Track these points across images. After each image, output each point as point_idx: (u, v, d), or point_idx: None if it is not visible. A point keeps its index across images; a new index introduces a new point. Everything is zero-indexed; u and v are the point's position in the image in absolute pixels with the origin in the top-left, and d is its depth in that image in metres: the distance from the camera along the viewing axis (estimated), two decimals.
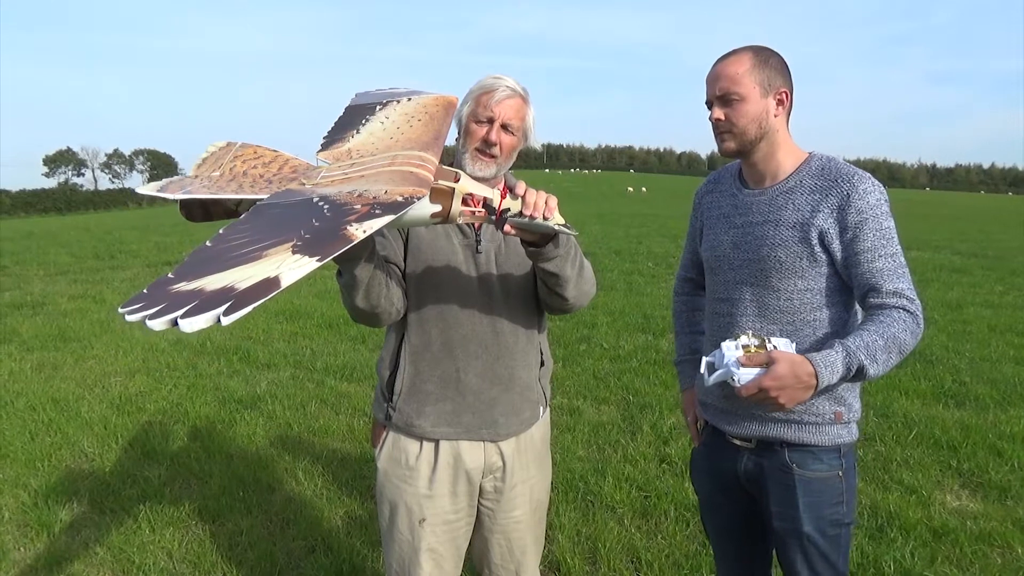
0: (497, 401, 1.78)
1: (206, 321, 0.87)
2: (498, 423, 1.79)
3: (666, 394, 4.89)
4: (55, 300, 9.03)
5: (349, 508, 3.34)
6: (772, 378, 1.44)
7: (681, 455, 3.82)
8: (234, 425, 4.43)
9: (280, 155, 1.53)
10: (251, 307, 0.90)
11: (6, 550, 3.01)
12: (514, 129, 1.74)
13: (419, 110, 1.64)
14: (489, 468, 1.81)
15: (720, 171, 1.90)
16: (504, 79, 1.74)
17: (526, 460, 1.86)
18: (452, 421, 1.76)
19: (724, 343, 1.53)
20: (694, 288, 2.05)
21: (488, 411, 1.77)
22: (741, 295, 1.71)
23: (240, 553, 2.96)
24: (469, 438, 1.78)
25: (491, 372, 1.77)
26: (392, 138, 1.54)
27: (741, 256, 1.71)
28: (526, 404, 1.83)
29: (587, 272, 1.72)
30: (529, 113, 1.78)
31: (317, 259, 1.01)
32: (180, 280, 0.96)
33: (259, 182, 1.39)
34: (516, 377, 1.80)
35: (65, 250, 14.81)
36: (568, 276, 1.65)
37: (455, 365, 1.75)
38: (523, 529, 1.89)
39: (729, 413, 1.74)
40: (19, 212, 58.16)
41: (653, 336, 6.63)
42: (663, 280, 9.82)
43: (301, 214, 1.18)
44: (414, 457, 1.78)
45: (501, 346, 1.77)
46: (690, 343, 2.04)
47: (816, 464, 1.66)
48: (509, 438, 1.82)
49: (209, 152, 1.55)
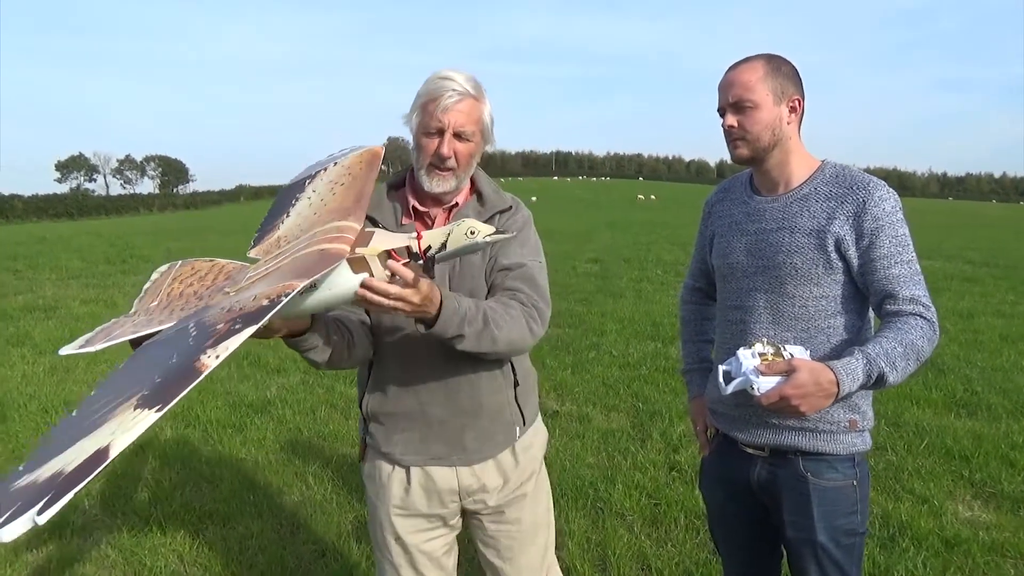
0: (466, 427, 1.70)
1: (23, 525, 0.79)
2: (468, 448, 1.72)
3: (675, 402, 4.88)
4: (67, 304, 9.10)
5: (359, 513, 3.34)
6: (793, 386, 1.43)
7: (691, 463, 3.81)
8: (244, 429, 4.45)
9: (216, 264, 1.50)
10: (74, 492, 0.81)
11: (19, 551, 3.03)
12: (468, 135, 1.61)
13: (342, 174, 1.59)
14: (466, 491, 1.74)
15: (730, 179, 1.90)
16: (451, 79, 1.59)
17: (511, 480, 1.77)
18: (420, 449, 1.71)
19: (740, 351, 1.52)
20: (702, 297, 2.05)
21: (457, 438, 1.70)
22: (755, 302, 1.70)
23: (251, 557, 2.96)
24: (439, 464, 1.72)
25: (454, 403, 1.69)
26: (316, 213, 1.48)
27: (755, 263, 1.70)
28: (498, 428, 1.74)
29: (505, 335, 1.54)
30: (485, 111, 1.64)
31: (156, 409, 0.92)
32: (25, 472, 0.90)
33: (191, 301, 1.35)
34: (482, 404, 1.70)
35: (77, 255, 14.93)
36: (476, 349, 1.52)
37: (417, 399, 1.69)
38: (518, 548, 1.81)
39: (741, 421, 1.73)
40: (31, 217, 58.55)
41: (662, 343, 6.62)
42: (672, 288, 9.81)
43: (169, 348, 1.12)
44: (387, 477, 1.75)
45: (461, 376, 1.67)
46: (698, 352, 2.04)
47: (831, 473, 1.65)
48: (483, 462, 1.74)
49: (152, 281, 1.55)
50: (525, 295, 1.61)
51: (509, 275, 1.64)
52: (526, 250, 1.67)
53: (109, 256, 14.65)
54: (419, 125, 1.61)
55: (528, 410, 1.81)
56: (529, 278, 1.64)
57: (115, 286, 10.71)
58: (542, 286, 1.66)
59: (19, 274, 12.19)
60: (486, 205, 1.70)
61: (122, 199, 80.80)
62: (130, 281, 11.22)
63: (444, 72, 1.61)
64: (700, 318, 2.05)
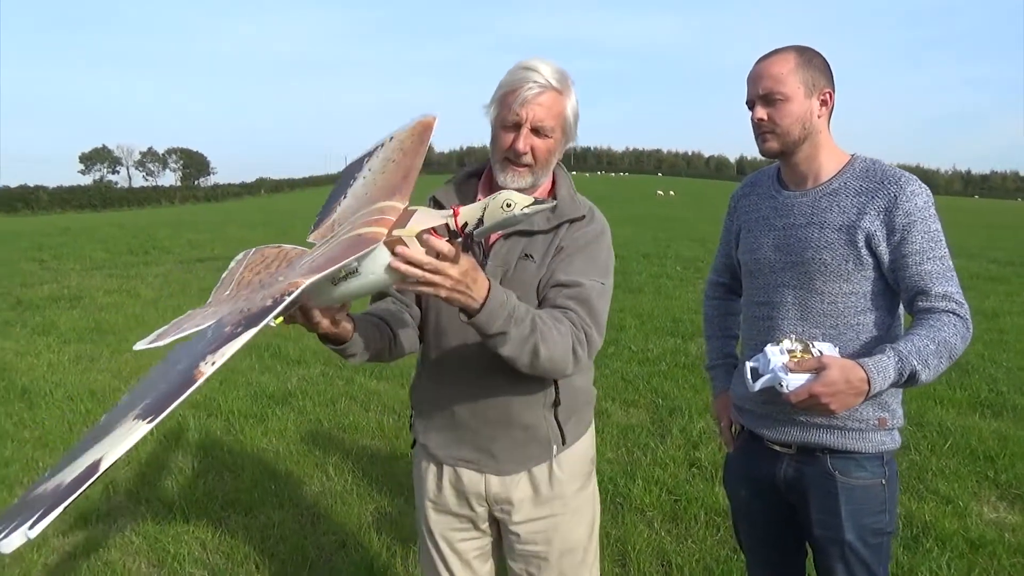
0: (496, 438, 1.61)
1: (19, 539, 0.77)
2: (498, 459, 1.63)
3: (695, 398, 4.86)
4: (91, 294, 9.22)
5: (379, 504, 3.36)
6: (823, 384, 1.41)
7: (711, 459, 3.79)
8: (266, 420, 4.49)
9: (281, 250, 1.46)
10: (63, 506, 0.80)
11: (46, 537, 3.07)
12: (547, 131, 1.50)
13: (395, 149, 1.51)
14: (495, 499, 1.66)
15: (757, 174, 1.88)
16: (534, 69, 1.49)
17: (543, 496, 1.66)
18: (452, 450, 1.66)
19: (768, 348, 1.50)
20: (726, 292, 2.02)
21: (486, 446, 1.62)
22: (782, 298, 1.68)
23: (272, 546, 2.99)
24: (469, 468, 1.65)
25: (483, 413, 1.60)
26: (367, 193, 1.42)
27: (783, 259, 1.68)
28: (532, 443, 1.62)
29: (548, 351, 1.40)
30: (568, 105, 1.53)
31: (149, 420, 0.89)
32: (42, 481, 0.90)
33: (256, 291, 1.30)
34: (512, 419, 1.60)
35: (101, 246, 15.11)
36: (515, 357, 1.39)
37: (450, 401, 1.63)
38: (548, 568, 1.69)
39: (768, 418, 1.71)
40: (56, 208, 59.36)
41: (682, 339, 6.59)
42: (691, 284, 9.76)
43: (186, 351, 1.10)
44: (424, 468, 1.73)
45: (495, 385, 1.56)
46: (722, 347, 2.02)
47: (859, 471, 1.63)
48: (515, 474, 1.64)
49: (228, 269, 1.51)
50: (577, 317, 1.47)
51: (563, 292, 1.49)
52: (591, 268, 1.53)
53: (132, 247, 14.81)
54: (497, 117, 1.53)
55: (571, 429, 1.66)
56: (585, 300, 1.49)
57: (138, 276, 10.83)
58: (599, 311, 1.51)
59: (44, 264, 12.37)
60: (557, 210, 1.56)
61: (144, 191, 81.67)
62: (152, 272, 11.35)
63: (528, 62, 1.51)
64: (724, 313, 2.03)
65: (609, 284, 1.57)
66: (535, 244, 1.55)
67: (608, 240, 1.61)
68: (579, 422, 1.70)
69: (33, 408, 4.73)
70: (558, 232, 1.56)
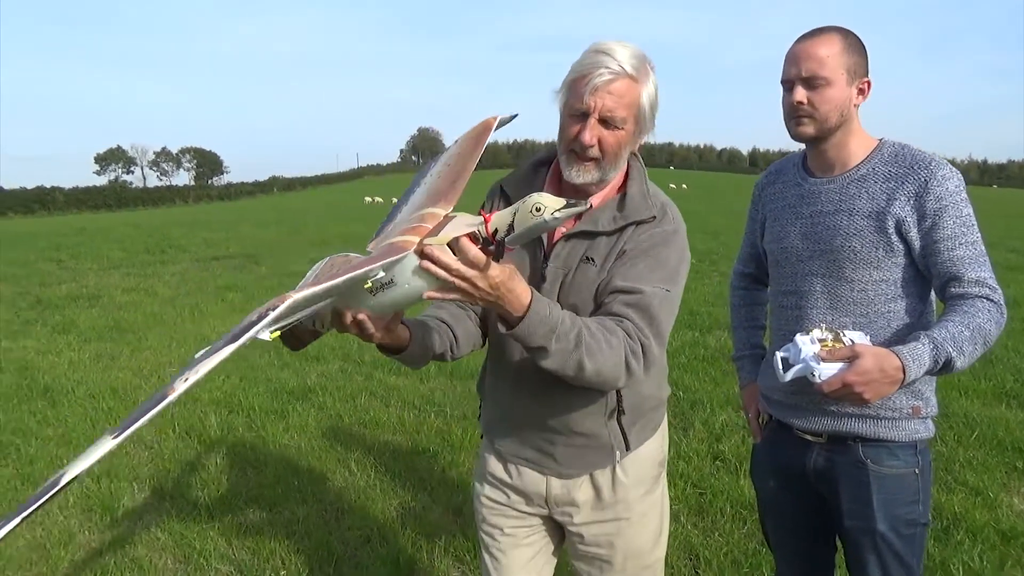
0: (556, 443, 1.57)
1: None
2: (559, 462, 1.58)
3: (716, 390, 4.82)
4: (110, 293, 9.28)
5: (402, 499, 3.36)
6: (857, 373, 1.38)
7: (735, 452, 3.76)
8: (287, 416, 4.50)
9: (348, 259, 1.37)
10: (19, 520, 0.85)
11: (72, 533, 3.10)
12: (618, 122, 1.38)
13: (453, 153, 1.48)
14: (555, 501, 1.62)
15: (781, 162, 1.84)
16: (608, 54, 1.36)
17: (606, 499, 1.60)
18: (514, 447, 1.63)
19: (798, 337, 1.48)
20: (752, 282, 2.00)
21: (547, 449, 1.58)
22: (811, 287, 1.65)
23: (297, 541, 2.99)
24: (530, 468, 1.62)
25: (542, 417, 1.55)
26: (419, 200, 1.40)
27: (811, 247, 1.65)
28: (592, 450, 1.57)
29: (596, 365, 1.31)
30: (644, 94, 1.40)
31: (115, 436, 0.90)
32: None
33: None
34: (572, 425, 1.54)
35: (117, 245, 15.21)
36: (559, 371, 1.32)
37: (510, 399, 1.60)
38: (612, 571, 1.64)
39: (798, 408, 1.69)
40: (72, 209, 60.01)
41: (700, 332, 6.55)
42: (706, 276, 9.70)
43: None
44: (486, 457, 1.71)
45: (553, 391, 1.49)
46: (749, 338, 1.99)
47: (892, 460, 1.60)
48: (577, 478, 1.59)
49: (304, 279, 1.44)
50: (634, 326, 1.37)
51: (620, 299, 1.39)
52: (655, 274, 1.41)
53: (148, 246, 14.90)
54: (565, 105, 1.42)
55: (637, 434, 1.59)
56: (644, 307, 1.38)
57: (155, 275, 10.90)
58: (660, 320, 1.39)
59: (62, 264, 12.46)
60: (625, 210, 1.46)
61: (159, 191, 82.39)
62: (169, 271, 11.41)
63: (602, 44, 1.39)
64: (751, 303, 2.00)
65: (676, 291, 1.45)
66: (597, 246, 1.47)
67: (680, 243, 1.49)
68: (646, 427, 1.63)
69: (56, 406, 4.76)
70: (623, 234, 1.46)
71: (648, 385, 1.59)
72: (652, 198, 1.50)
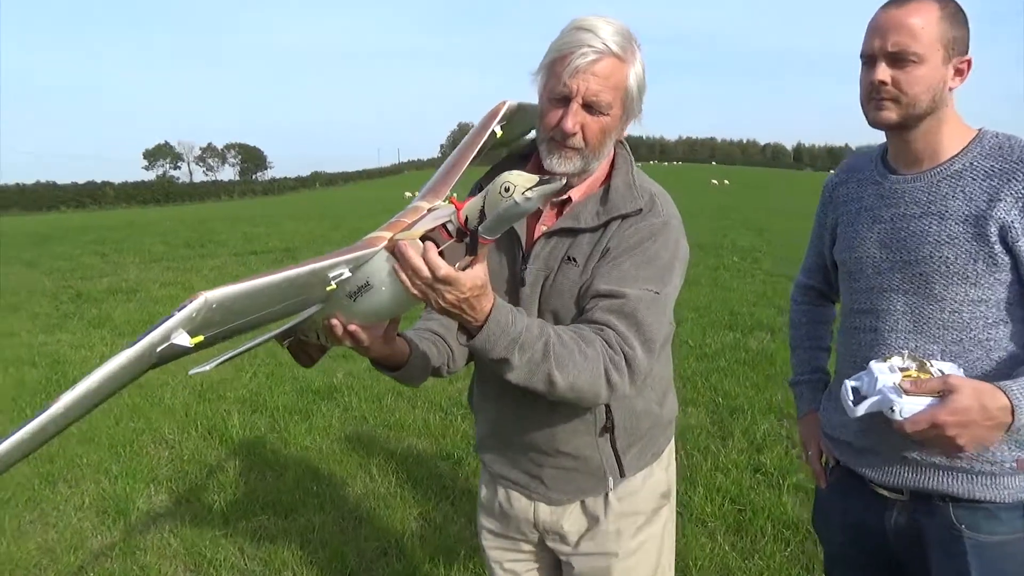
0: (543, 464, 1.43)
1: None
2: (548, 486, 1.44)
3: (758, 397, 4.58)
4: (147, 287, 9.35)
5: (423, 509, 3.21)
6: (951, 411, 1.13)
7: (777, 464, 3.53)
8: (310, 416, 4.39)
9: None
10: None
11: (84, 536, 3.02)
12: (602, 106, 1.24)
13: (467, 136, 1.39)
14: (544, 527, 1.48)
15: (855, 157, 1.56)
16: (589, 31, 1.22)
17: (600, 531, 1.45)
18: (504, 470, 1.50)
19: (873, 364, 1.24)
20: (817, 297, 1.72)
21: (536, 470, 1.45)
22: (890, 305, 1.37)
23: (311, 552, 2.87)
24: (519, 491, 1.49)
25: (528, 435, 1.41)
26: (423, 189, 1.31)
27: (891, 257, 1.37)
28: (582, 474, 1.42)
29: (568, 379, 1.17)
30: (631, 75, 1.26)
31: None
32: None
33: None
34: (559, 444, 1.40)
35: (160, 239, 15.41)
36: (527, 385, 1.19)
37: (497, 415, 1.47)
38: None
39: (870, 453, 1.38)
40: (121, 203, 61.58)
41: (741, 334, 6.29)
42: (749, 275, 9.39)
43: None
44: (483, 488, 1.59)
45: (536, 405, 1.33)
46: (811, 360, 1.70)
47: (993, 525, 1.30)
48: (567, 504, 1.45)
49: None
50: (616, 335, 1.21)
51: (600, 304, 1.24)
52: (642, 272, 1.26)
53: (190, 240, 15.05)
54: (544, 88, 1.29)
55: (634, 459, 1.43)
56: (628, 313, 1.22)
57: (193, 269, 10.97)
58: (647, 327, 1.23)
59: (106, 258, 12.64)
60: (608, 203, 1.32)
61: (204, 186, 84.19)
62: (208, 265, 11.48)
63: (584, 20, 1.25)
64: (814, 321, 1.72)
65: (668, 291, 1.29)
66: (579, 245, 1.31)
67: (671, 236, 1.32)
68: (644, 451, 1.45)
69: None
70: (607, 230, 1.30)
71: (642, 400, 1.41)
72: (638, 189, 1.35)
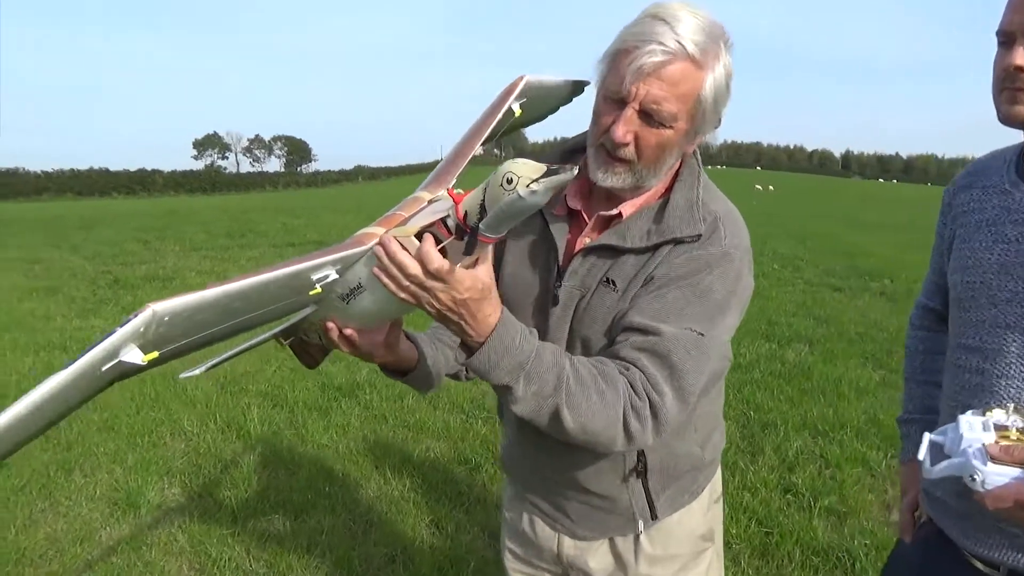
0: (567, 497, 1.31)
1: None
2: (574, 521, 1.32)
3: (792, 412, 4.38)
4: (184, 275, 9.44)
5: (436, 515, 3.11)
6: None
7: (809, 485, 3.36)
8: (330, 413, 4.32)
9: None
10: None
11: (93, 528, 2.99)
12: (664, 118, 1.04)
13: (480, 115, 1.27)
14: (570, 562, 1.35)
15: (986, 158, 1.31)
16: (667, 24, 1.02)
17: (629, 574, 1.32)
18: (528, 491, 1.39)
19: (964, 417, 1.02)
20: (938, 323, 1.46)
21: (560, 502, 1.32)
22: (1004, 345, 1.13)
23: (318, 556, 2.79)
24: (543, 519, 1.37)
25: (551, 467, 1.28)
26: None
27: (1013, 286, 1.13)
28: (609, 514, 1.29)
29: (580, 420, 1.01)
30: (706, 84, 1.05)
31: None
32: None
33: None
34: (582, 483, 1.26)
35: (202, 228, 15.62)
36: (532, 419, 1.03)
37: (517, 435, 1.34)
38: None
39: (968, 519, 1.18)
40: (169, 191, 63.00)
41: (778, 345, 6.08)
42: (789, 283, 9.11)
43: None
44: (505, 506, 1.50)
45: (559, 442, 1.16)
46: (924, 397, 1.47)
47: None
48: (593, 541, 1.32)
49: None
50: (643, 377, 1.03)
51: (632, 339, 1.06)
52: (688, 309, 1.07)
53: (230, 230, 15.22)
54: (602, 81, 1.10)
55: (668, 500, 1.28)
56: (663, 354, 1.04)
57: (230, 259, 11.07)
58: (683, 373, 1.04)
59: (148, 245, 12.83)
60: (663, 223, 1.13)
61: (250, 176, 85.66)
62: (246, 255, 11.57)
63: (663, 7, 1.04)
64: (932, 351, 1.47)
65: (716, 334, 1.09)
66: (622, 267, 1.14)
67: (732, 269, 1.12)
68: (681, 491, 1.29)
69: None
70: (656, 254, 1.12)
71: (683, 443, 1.26)
72: (702, 209, 1.14)
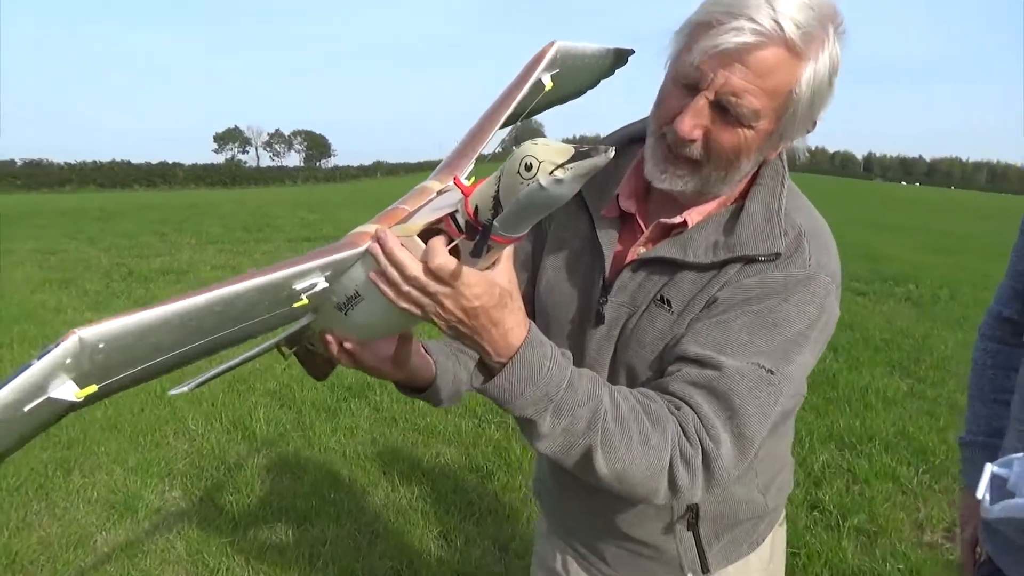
0: (604, 541, 1.17)
1: None
2: (611, 566, 1.18)
3: (817, 423, 4.21)
4: (198, 269, 9.37)
5: (445, 526, 2.98)
6: None
7: (836, 502, 3.20)
8: (338, 415, 4.20)
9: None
10: None
11: (89, 532, 2.89)
12: (745, 114, 0.86)
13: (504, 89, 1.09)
14: None
15: None
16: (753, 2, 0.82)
17: None
18: (562, 528, 1.25)
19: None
20: (1012, 334, 1.33)
21: (597, 545, 1.19)
22: None
23: (319, 568, 2.67)
24: (577, 561, 1.22)
25: (589, 510, 1.15)
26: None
27: None
28: (653, 563, 1.14)
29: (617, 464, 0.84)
30: (805, 76, 0.86)
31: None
32: None
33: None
34: (624, 529, 1.12)
35: (219, 221, 15.60)
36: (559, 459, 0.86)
37: (550, 466, 1.20)
38: None
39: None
40: (190, 184, 63.45)
41: None
42: None
43: None
44: (538, 539, 1.36)
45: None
46: (990, 417, 1.33)
47: None
48: None
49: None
50: (697, 419, 0.86)
51: (686, 371, 0.89)
52: (757, 341, 0.89)
53: (247, 224, 15.20)
54: (673, 59, 0.91)
55: (722, 552, 1.11)
56: (722, 393, 0.86)
57: (246, 253, 11.00)
58: (745, 415, 0.86)
59: (165, 237, 12.81)
60: (735, 235, 0.95)
61: (271, 170, 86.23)
62: (261, 249, 11.51)
63: None
64: (1003, 366, 1.33)
65: (788, 372, 0.90)
66: (679, 284, 0.97)
67: (815, 297, 0.92)
68: (738, 542, 1.13)
69: None
70: (722, 272, 0.95)
71: (743, 488, 1.08)
72: (784, 222, 0.94)
